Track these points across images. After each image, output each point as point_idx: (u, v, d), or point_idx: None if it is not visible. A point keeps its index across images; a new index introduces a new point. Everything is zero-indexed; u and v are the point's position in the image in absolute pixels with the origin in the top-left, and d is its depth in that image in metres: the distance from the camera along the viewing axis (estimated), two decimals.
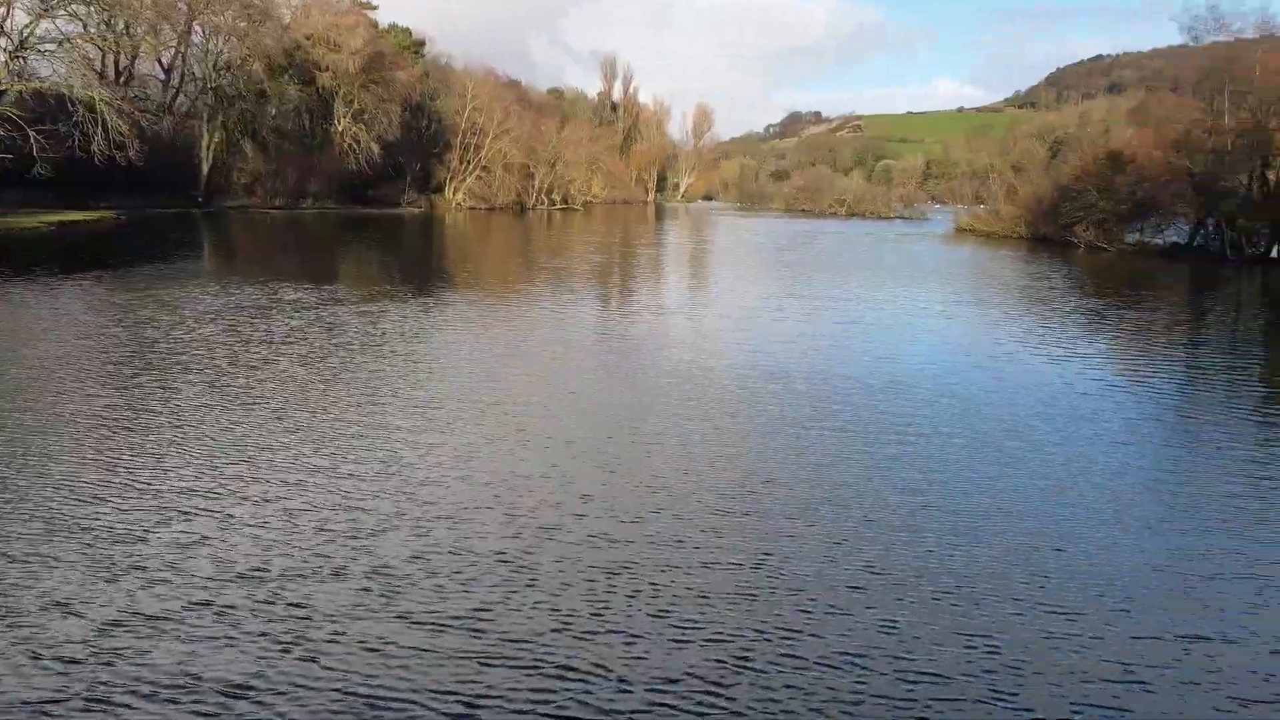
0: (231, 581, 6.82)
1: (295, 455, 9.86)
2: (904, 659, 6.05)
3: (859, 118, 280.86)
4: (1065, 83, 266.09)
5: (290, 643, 5.99)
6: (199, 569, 7.01)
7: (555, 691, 5.56)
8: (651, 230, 70.80)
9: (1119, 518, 8.81)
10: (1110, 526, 8.58)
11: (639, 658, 5.97)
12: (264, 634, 6.09)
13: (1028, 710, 5.55)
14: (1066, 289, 31.74)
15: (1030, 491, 9.51)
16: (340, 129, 70.14)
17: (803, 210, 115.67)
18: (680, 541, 7.87)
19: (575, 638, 6.18)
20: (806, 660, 6.00)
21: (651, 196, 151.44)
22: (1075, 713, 5.55)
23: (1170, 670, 6.06)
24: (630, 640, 6.18)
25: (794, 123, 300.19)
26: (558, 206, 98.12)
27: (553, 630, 6.27)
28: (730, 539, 7.94)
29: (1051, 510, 8.96)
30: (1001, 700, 5.64)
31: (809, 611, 6.67)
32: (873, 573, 7.36)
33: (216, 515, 8.09)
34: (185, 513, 8.13)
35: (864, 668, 5.93)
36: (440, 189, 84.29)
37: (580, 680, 5.69)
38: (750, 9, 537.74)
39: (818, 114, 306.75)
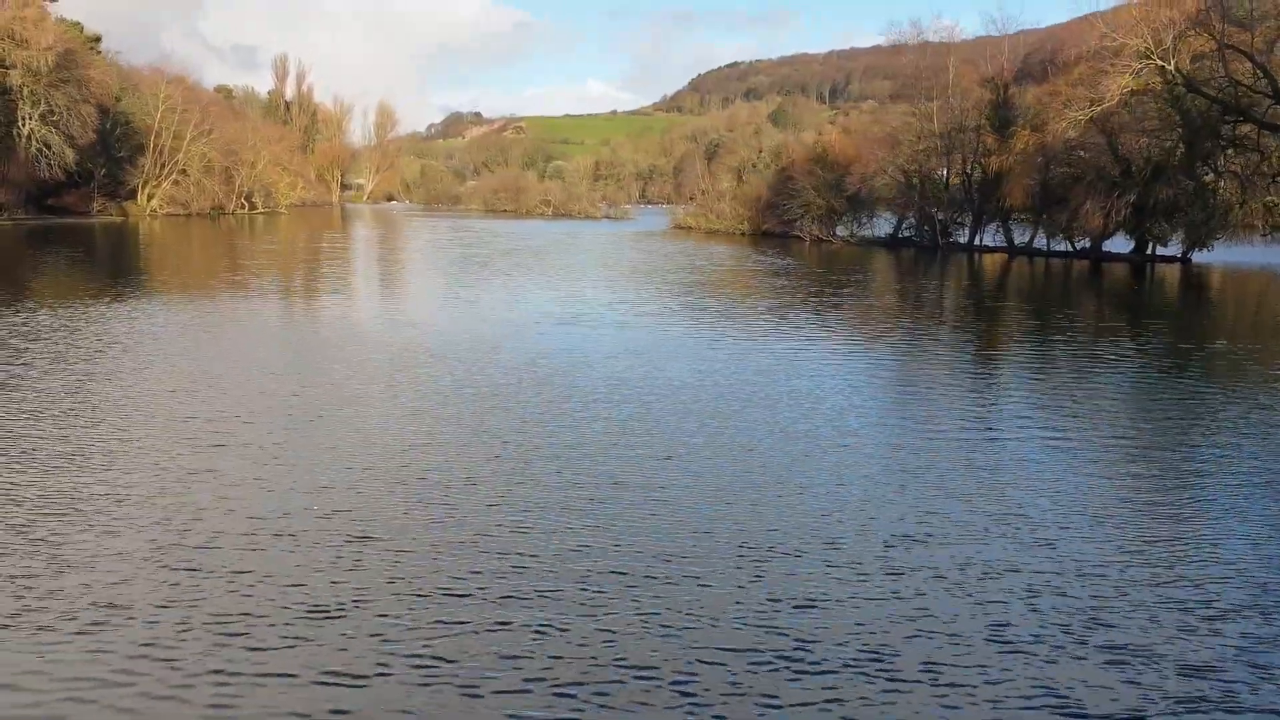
0: None
1: None
2: None
3: (520, 119, 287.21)
4: (707, 87, 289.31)
5: None
6: None
7: None
8: (393, 241, 70.10)
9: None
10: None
11: None
12: None
13: None
14: (856, 278, 37.57)
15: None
16: (27, 132, 62.78)
17: (505, 210, 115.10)
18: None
19: None
20: None
21: (338, 198, 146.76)
22: None
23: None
24: None
25: (456, 123, 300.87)
26: (259, 210, 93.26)
27: None
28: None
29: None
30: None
31: None
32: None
33: None
34: None
35: None
36: (132, 195, 77.58)
37: None
38: (393, 7, 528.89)
39: (478, 114, 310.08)
